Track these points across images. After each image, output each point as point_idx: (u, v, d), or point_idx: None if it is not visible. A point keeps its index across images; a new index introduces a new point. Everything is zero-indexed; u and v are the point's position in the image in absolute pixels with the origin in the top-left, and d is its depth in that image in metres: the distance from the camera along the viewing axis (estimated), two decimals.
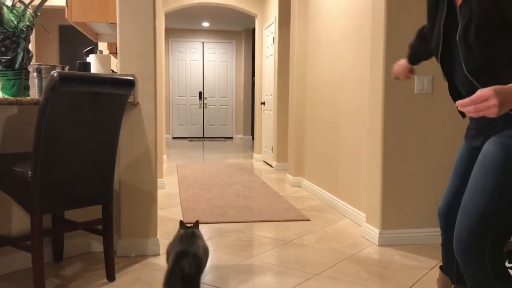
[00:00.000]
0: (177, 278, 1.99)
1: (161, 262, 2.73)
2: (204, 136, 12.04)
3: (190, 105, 11.89)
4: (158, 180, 4.94)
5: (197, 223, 2.42)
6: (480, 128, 1.58)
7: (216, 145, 10.57)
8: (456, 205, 1.68)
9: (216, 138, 12.02)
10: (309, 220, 3.76)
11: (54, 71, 2.04)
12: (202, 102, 11.92)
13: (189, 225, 2.41)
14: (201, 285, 2.25)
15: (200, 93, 11.89)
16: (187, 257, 2.06)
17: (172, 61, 11.70)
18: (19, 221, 2.60)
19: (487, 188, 1.44)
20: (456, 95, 1.65)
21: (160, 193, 4.80)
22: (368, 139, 3.28)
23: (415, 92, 3.08)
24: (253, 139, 11.39)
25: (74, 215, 2.78)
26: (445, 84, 1.70)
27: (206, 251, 2.28)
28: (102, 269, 2.61)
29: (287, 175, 5.55)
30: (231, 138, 12.12)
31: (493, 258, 1.46)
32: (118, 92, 2.30)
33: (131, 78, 2.36)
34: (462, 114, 1.62)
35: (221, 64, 11.94)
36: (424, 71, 3.07)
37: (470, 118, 1.65)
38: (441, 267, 1.85)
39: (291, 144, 5.41)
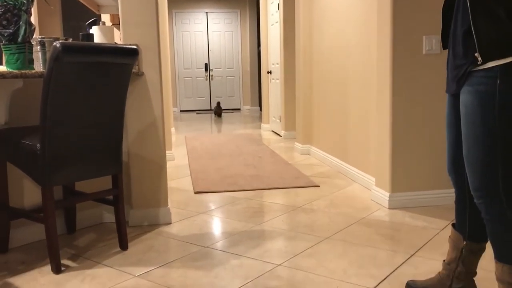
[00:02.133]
0: (216, 107, 10.62)
1: (173, 231, 2.76)
2: (212, 108, 12.01)
3: (196, 77, 11.83)
4: (167, 152, 4.96)
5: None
6: (455, 73, 1.60)
7: (224, 117, 10.56)
8: (458, 158, 1.72)
9: (224, 110, 11.99)
10: (318, 186, 3.76)
11: (56, 42, 2.02)
12: (208, 74, 11.85)
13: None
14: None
15: (205, 64, 11.80)
16: (219, 105, 10.59)
17: (177, 33, 11.58)
18: (31, 194, 2.63)
19: (478, 137, 1.51)
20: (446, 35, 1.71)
21: (169, 164, 4.83)
22: (376, 102, 3.24)
23: (424, 52, 3.03)
24: (260, 110, 11.36)
25: (85, 187, 2.80)
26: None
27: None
28: (115, 238, 2.65)
29: (296, 143, 5.54)
30: (239, 109, 12.08)
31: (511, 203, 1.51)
32: (122, 61, 2.28)
33: (134, 47, 2.34)
34: (444, 45, 1.71)
35: (226, 34, 11.80)
36: (432, 31, 3.01)
37: (448, 63, 1.68)
38: (453, 224, 1.85)
39: (299, 112, 5.38)
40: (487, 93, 1.46)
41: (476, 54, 1.46)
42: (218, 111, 10.74)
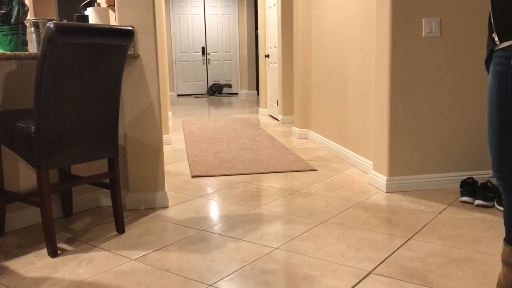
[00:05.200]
0: (215, 86, 11.56)
1: (170, 214, 2.76)
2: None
3: (194, 61, 11.74)
4: (164, 136, 4.94)
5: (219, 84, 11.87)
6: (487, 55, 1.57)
7: (221, 101, 10.51)
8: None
9: (221, 94, 11.94)
10: (316, 170, 3.75)
11: (50, 22, 1.99)
12: (205, 58, 11.76)
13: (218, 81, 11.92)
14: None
15: (203, 48, 11.71)
16: (215, 84, 11.60)
17: (173, 17, 11.46)
18: (27, 177, 2.61)
19: (494, 118, 1.48)
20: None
21: (166, 148, 4.81)
22: (375, 85, 3.22)
23: (423, 35, 2.99)
24: (258, 94, 11.31)
25: (81, 171, 2.78)
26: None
27: (221, 85, 11.74)
28: (112, 222, 2.64)
29: (293, 127, 5.52)
30: (236, 94, 12.03)
31: None
32: (117, 43, 2.25)
33: (129, 28, 2.30)
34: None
35: (224, 18, 11.69)
36: (432, 13, 2.97)
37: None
38: (505, 239, 1.59)
39: (297, 96, 5.35)
40: (502, 73, 1.43)
41: (493, 34, 1.43)
42: (216, 89, 11.70)
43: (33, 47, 2.62)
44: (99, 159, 2.37)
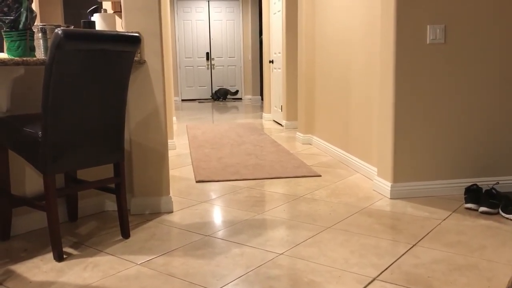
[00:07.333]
0: (220, 91, 11.48)
1: (175, 219, 2.77)
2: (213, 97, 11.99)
3: (198, 66, 11.78)
4: (169, 140, 4.95)
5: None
6: None
7: (226, 106, 10.54)
8: None
9: (226, 99, 11.96)
10: (320, 176, 3.76)
11: (58, 29, 2.01)
12: (209, 63, 11.79)
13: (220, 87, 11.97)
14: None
15: (207, 53, 11.75)
16: (220, 89, 11.61)
17: (178, 22, 11.52)
18: (33, 181, 2.63)
19: None
20: None
21: (171, 153, 4.83)
22: (379, 91, 3.23)
23: (428, 42, 3.00)
24: (262, 99, 11.33)
25: (87, 175, 2.80)
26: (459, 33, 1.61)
27: (226, 91, 11.60)
28: (117, 227, 2.65)
29: (297, 133, 5.53)
30: (240, 99, 12.05)
31: None
32: (124, 49, 2.27)
33: (136, 34, 2.32)
34: None
35: (228, 23, 11.73)
36: (436, 20, 2.98)
37: None
38: None
39: (301, 101, 5.36)
40: None
41: None
42: (221, 95, 11.70)
43: (40, 53, 2.64)
44: (105, 163, 2.38)
